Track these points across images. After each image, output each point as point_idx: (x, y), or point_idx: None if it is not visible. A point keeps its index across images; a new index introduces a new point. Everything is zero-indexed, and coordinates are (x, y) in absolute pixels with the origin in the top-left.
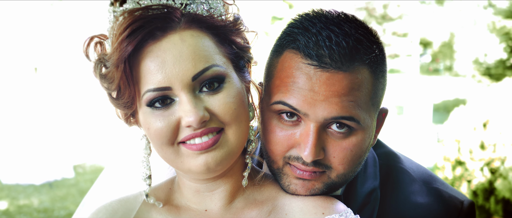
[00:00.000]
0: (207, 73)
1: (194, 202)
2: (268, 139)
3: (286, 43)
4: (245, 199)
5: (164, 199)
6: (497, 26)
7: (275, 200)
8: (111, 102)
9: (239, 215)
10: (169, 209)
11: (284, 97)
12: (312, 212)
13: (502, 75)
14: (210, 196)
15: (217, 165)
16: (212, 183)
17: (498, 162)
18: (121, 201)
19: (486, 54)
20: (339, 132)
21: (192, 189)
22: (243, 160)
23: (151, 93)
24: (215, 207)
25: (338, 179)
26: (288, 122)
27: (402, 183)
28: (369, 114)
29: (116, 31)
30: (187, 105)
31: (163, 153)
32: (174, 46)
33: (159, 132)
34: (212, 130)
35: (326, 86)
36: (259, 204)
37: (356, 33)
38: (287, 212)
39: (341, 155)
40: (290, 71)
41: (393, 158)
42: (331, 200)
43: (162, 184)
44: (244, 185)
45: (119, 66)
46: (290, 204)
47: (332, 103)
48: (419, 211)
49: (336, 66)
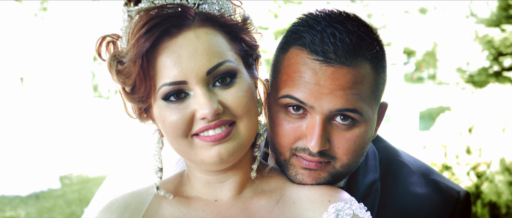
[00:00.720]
0: (221, 68)
1: (204, 193)
2: (276, 132)
3: (292, 41)
4: (253, 189)
5: (174, 191)
6: (479, 34)
7: (283, 190)
8: (126, 97)
9: (249, 204)
10: (179, 200)
11: (291, 91)
12: (318, 200)
13: (485, 82)
14: (220, 187)
15: (230, 156)
16: (223, 174)
17: (484, 166)
18: (133, 194)
19: (468, 62)
20: (343, 124)
21: (202, 180)
22: (251, 153)
23: (167, 87)
24: (225, 197)
25: (342, 169)
26: (294, 115)
27: (401, 175)
28: (371, 107)
29: (132, 29)
30: (202, 98)
31: (177, 146)
32: (189, 42)
33: (174, 124)
34: (224, 122)
35: (331, 80)
36: (268, 194)
37: (358, 31)
38: (295, 201)
39: (345, 145)
40: (297, 66)
41: (392, 152)
42: (336, 189)
43: (171, 178)
44: (253, 177)
45: (137, 61)
46: (297, 193)
47: (337, 96)
48: (419, 201)
49: (340, 61)
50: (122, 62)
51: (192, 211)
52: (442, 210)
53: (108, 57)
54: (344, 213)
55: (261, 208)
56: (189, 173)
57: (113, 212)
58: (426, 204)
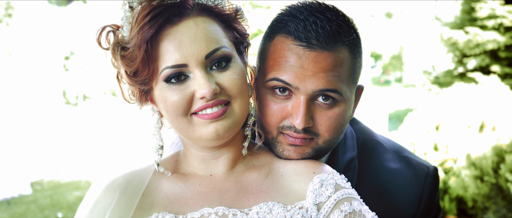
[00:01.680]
0: (218, 52)
1: (200, 169)
2: (264, 112)
3: (277, 29)
4: (245, 165)
5: (171, 169)
6: (444, 37)
7: (271, 165)
8: (128, 81)
9: (241, 177)
10: (177, 177)
11: (278, 74)
12: (304, 172)
13: (451, 83)
14: (214, 163)
15: (225, 132)
16: (217, 151)
17: (451, 162)
18: (133, 173)
19: (434, 65)
20: (325, 103)
21: (198, 157)
22: (242, 132)
23: (169, 70)
24: (219, 172)
25: (324, 145)
26: (281, 96)
27: (377, 153)
28: (349, 88)
29: (136, 18)
30: (202, 79)
31: (177, 124)
32: (189, 29)
33: (175, 104)
34: (221, 102)
35: (314, 63)
36: (258, 168)
37: (337, 20)
38: (282, 174)
39: (327, 123)
40: (282, 52)
41: (368, 132)
42: (320, 163)
43: (168, 158)
44: (244, 154)
45: (142, 46)
46: (284, 167)
47: (319, 78)
48: (393, 176)
49: (322, 46)
50: (126, 48)
51: (190, 185)
52: (413, 183)
53: (112, 44)
54: (327, 182)
55: (252, 181)
56: (185, 152)
57: (115, 189)
58: (400, 178)
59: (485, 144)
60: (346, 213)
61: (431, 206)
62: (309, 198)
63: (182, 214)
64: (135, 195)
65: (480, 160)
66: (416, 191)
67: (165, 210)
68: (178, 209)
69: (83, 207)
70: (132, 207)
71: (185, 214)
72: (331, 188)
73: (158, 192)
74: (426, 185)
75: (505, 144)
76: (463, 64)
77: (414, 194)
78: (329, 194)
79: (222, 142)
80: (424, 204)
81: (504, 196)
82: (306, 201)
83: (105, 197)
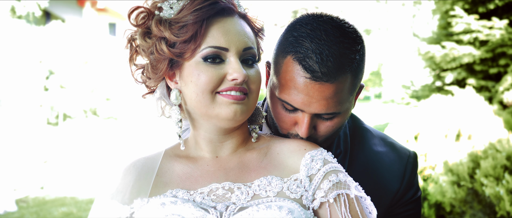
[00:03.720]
0: (252, 50)
1: (208, 151)
2: (276, 117)
3: (291, 49)
4: (246, 148)
5: (181, 153)
6: (421, 51)
7: (269, 146)
8: (163, 51)
9: (243, 157)
10: (187, 159)
11: (288, 98)
12: (297, 149)
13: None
14: (220, 146)
15: (241, 115)
16: (223, 136)
17: (430, 170)
18: (146, 158)
19: (412, 81)
20: (326, 118)
21: (206, 139)
22: (246, 124)
23: (211, 49)
24: (224, 154)
25: (324, 140)
26: (290, 109)
27: (365, 138)
28: (349, 100)
29: (194, 2)
30: (237, 65)
31: (201, 98)
32: (237, 24)
33: (208, 79)
34: (243, 89)
35: (318, 92)
36: (257, 150)
37: (343, 46)
38: (278, 152)
39: (327, 130)
40: (292, 75)
41: (357, 121)
42: (310, 142)
43: (177, 144)
44: (254, 140)
45: (197, 23)
46: (280, 146)
47: (321, 104)
48: (380, 157)
49: (325, 79)
50: (174, 22)
51: (199, 166)
52: (397, 163)
53: (156, 17)
54: (317, 158)
55: (253, 160)
56: (195, 136)
57: (132, 171)
58: (385, 159)
59: (461, 152)
60: (334, 182)
61: (412, 183)
62: (302, 171)
63: (193, 190)
64: (150, 175)
65: (457, 166)
66: (400, 169)
67: (178, 187)
68: (189, 186)
69: (104, 189)
70: (149, 185)
71: (196, 189)
72: (320, 163)
73: (171, 172)
74: (408, 165)
75: (480, 150)
76: (441, 78)
77: (398, 171)
78: (318, 168)
79: (233, 126)
80: (406, 181)
81: (479, 200)
82: (300, 173)
83: (124, 178)
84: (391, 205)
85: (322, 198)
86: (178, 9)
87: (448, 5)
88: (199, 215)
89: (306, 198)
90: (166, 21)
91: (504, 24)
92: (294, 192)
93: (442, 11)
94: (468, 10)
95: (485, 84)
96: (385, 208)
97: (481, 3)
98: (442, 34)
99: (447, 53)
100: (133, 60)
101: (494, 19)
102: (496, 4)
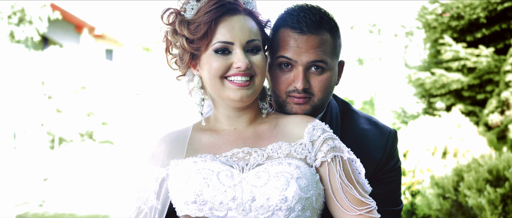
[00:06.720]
0: (254, 42)
1: (227, 124)
2: (275, 83)
3: (280, 24)
4: (259, 122)
5: (205, 127)
6: (412, 78)
7: (277, 120)
8: (187, 46)
9: (257, 129)
10: (211, 131)
11: (282, 53)
12: (300, 122)
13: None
14: (237, 120)
15: (247, 97)
16: (239, 112)
17: (418, 185)
18: (177, 131)
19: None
20: (316, 71)
21: (225, 115)
22: (257, 102)
23: (220, 43)
24: (241, 127)
25: (319, 102)
26: (286, 69)
27: (353, 118)
28: (332, 60)
29: (206, 4)
30: (241, 55)
31: (214, 82)
32: (240, 21)
33: (217, 67)
34: (247, 74)
35: (306, 43)
36: (268, 123)
37: (320, 14)
38: (285, 124)
39: (319, 85)
40: (285, 38)
41: (346, 104)
42: (311, 117)
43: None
44: (264, 116)
45: (207, 23)
46: (287, 120)
47: (310, 53)
48: (365, 133)
49: (310, 31)
50: (191, 23)
51: (221, 136)
52: (380, 137)
53: (178, 19)
54: (317, 127)
55: (265, 130)
56: (216, 113)
57: (167, 140)
58: (370, 134)
59: (447, 167)
60: (331, 146)
61: (392, 155)
62: (306, 137)
63: (218, 154)
64: (183, 142)
65: (442, 179)
66: (382, 142)
67: (206, 152)
68: (215, 151)
69: (141, 156)
70: (183, 150)
71: (220, 154)
72: (320, 131)
73: (199, 141)
74: (389, 140)
75: (464, 164)
76: (431, 105)
77: (380, 144)
78: (319, 135)
79: (244, 105)
80: (387, 152)
81: (463, 211)
82: (304, 139)
83: (159, 146)
84: (376, 172)
85: (322, 158)
86: (196, 11)
87: (438, 34)
88: (225, 168)
89: (310, 158)
90: (185, 22)
91: (491, 52)
92: (300, 154)
93: (432, 39)
94: (457, 38)
95: (472, 109)
96: (370, 174)
97: (469, 32)
98: (432, 62)
99: (437, 79)
100: (169, 50)
101: (481, 47)
102: (483, 33)
